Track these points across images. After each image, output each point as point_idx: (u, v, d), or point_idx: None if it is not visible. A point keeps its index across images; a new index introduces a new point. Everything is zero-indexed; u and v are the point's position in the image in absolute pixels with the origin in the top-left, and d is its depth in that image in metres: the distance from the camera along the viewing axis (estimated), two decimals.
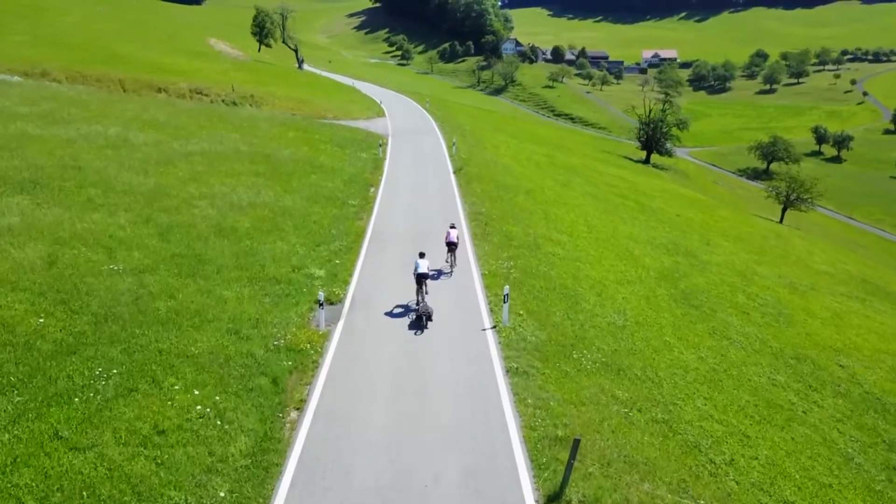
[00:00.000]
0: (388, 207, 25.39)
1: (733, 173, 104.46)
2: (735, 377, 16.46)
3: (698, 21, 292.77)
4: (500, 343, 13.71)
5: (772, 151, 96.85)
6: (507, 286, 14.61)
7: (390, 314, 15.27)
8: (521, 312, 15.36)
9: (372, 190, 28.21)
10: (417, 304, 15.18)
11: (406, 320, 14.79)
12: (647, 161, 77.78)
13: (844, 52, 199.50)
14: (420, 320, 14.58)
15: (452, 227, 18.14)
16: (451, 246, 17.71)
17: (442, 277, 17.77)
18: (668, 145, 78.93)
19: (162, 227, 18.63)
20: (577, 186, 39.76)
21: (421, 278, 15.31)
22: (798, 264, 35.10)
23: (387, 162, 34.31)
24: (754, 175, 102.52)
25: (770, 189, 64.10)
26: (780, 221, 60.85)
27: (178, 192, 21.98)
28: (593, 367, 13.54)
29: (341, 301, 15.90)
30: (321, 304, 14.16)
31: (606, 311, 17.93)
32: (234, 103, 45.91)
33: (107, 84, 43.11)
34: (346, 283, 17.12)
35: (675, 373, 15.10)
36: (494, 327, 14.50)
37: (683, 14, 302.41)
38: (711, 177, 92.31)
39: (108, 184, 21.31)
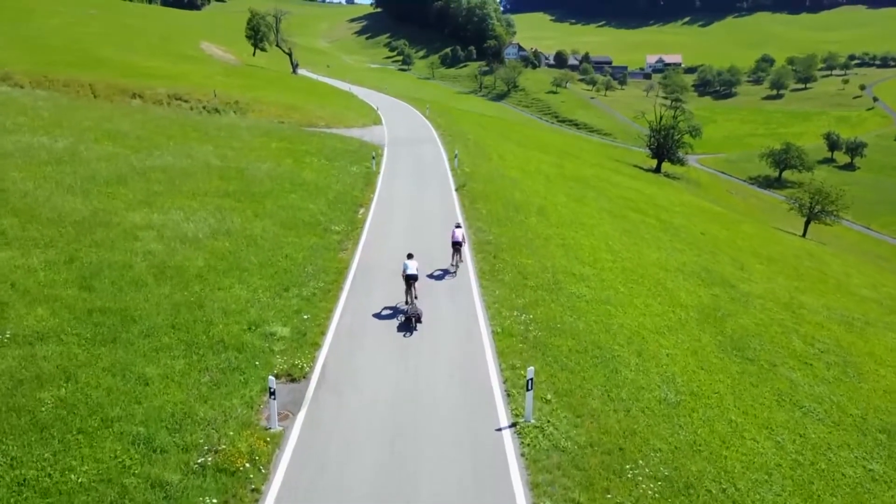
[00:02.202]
0: (378, 234, 21.45)
1: (744, 181, 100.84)
2: (826, 474, 12.49)
3: (702, 26, 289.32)
4: (523, 456, 9.69)
5: (784, 159, 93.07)
6: (532, 368, 10.54)
7: (370, 396, 11.35)
8: (549, 397, 11.37)
9: (361, 212, 24.31)
10: (406, 304, 14.97)
11: (393, 414, 10.85)
12: (657, 170, 74.00)
13: (852, 57, 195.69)
14: (409, 322, 14.31)
15: (458, 226, 18.37)
16: (457, 246, 17.81)
17: (444, 313, 14.00)
18: (680, 153, 75.04)
19: (87, 269, 14.71)
20: (592, 201, 35.88)
21: (410, 280, 14.99)
22: (840, 290, 31.21)
23: (380, 177, 30.42)
24: (766, 183, 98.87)
25: (792, 201, 60.11)
26: (804, 235, 56.96)
27: (121, 219, 18.07)
28: (655, 489, 9.55)
29: (306, 377, 11.93)
30: (272, 394, 10.20)
31: (652, 378, 13.98)
32: (217, 110, 42.14)
33: (75, 89, 39.35)
34: (317, 346, 13.15)
35: (756, 479, 11.14)
36: (514, 425, 10.48)
37: (687, 19, 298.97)
38: (724, 186, 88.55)
39: (33, 211, 17.40)
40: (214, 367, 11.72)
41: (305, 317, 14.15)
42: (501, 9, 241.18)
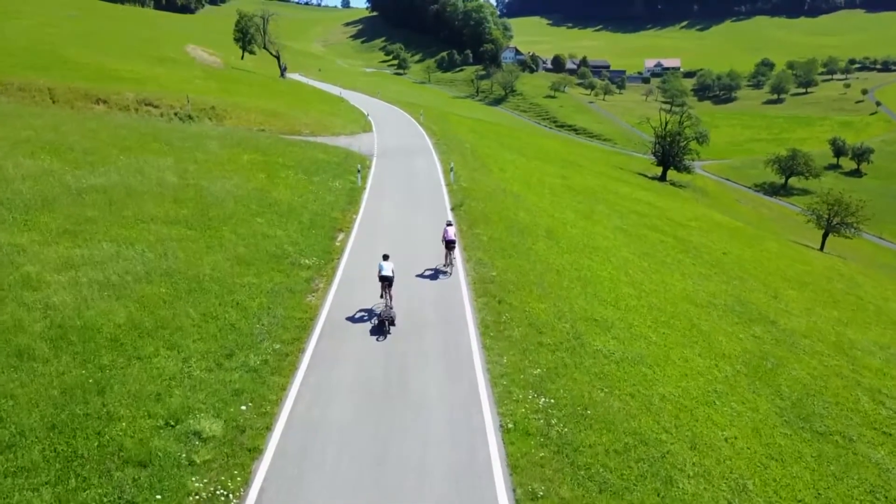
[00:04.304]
0: (358, 269, 17.66)
1: (749, 188, 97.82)
2: None
3: (700, 30, 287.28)
4: None
5: (791, 165, 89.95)
6: None
7: None
8: None
9: (340, 238, 20.57)
10: (382, 306, 14.34)
11: None
12: (663, 177, 70.77)
13: (852, 61, 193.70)
14: (383, 325, 13.86)
15: (449, 224, 17.69)
16: (450, 244, 17.29)
17: (437, 396, 10.21)
18: (686, 161, 71.79)
19: None
20: (604, 218, 32.27)
21: (384, 281, 14.43)
22: (881, 319, 27.73)
23: (366, 193, 26.72)
24: (772, 190, 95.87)
25: (809, 212, 56.66)
26: (822, 248, 53.53)
27: (28, 259, 14.31)
28: None
29: None
30: None
31: (718, 488, 10.30)
32: (190, 117, 38.41)
33: (31, 93, 35.57)
34: (257, 453, 9.40)
35: None
36: None
37: (685, 23, 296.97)
38: (732, 194, 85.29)
39: None
40: (96, 502, 7.96)
41: (245, 406, 10.36)
42: (498, 13, 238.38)
